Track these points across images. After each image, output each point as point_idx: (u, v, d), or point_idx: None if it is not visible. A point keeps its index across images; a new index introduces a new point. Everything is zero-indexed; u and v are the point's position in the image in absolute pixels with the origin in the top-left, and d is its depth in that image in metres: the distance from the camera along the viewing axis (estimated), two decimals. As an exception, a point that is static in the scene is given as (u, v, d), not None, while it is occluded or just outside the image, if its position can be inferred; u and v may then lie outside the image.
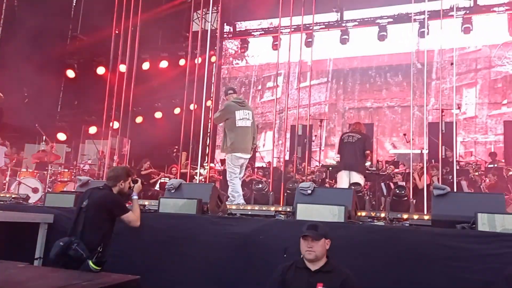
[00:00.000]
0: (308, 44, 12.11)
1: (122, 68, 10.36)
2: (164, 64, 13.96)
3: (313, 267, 3.21)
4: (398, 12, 12.94)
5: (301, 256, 3.28)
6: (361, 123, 8.48)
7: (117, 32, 9.90)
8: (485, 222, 3.56)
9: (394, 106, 14.61)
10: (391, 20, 13.05)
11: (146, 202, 5.96)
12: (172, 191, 5.31)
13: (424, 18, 10.66)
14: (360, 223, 4.47)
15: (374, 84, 15.07)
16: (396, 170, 10.59)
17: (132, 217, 4.02)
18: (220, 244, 4.39)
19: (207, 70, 9.40)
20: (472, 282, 3.48)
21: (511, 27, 12.72)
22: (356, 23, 13.53)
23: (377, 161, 10.77)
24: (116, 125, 10.06)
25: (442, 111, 8.12)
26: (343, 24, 13.72)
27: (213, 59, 13.49)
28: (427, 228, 3.97)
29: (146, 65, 13.52)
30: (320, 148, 12.88)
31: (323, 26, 13.85)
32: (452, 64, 8.04)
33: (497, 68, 13.93)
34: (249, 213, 5.42)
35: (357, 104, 15.09)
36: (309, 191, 4.73)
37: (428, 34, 12.33)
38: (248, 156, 6.79)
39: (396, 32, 13.35)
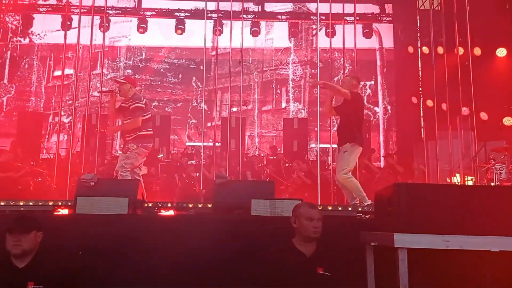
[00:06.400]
0: (106, 28, 11.38)
1: None
2: None
3: (21, 263, 3.04)
4: (194, 7, 13.25)
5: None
6: None
7: None
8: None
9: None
10: (188, 14, 13.28)
11: None
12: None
13: (217, 16, 11.14)
14: (146, 214, 4.42)
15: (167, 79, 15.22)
16: (190, 162, 10.92)
17: None
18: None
19: None
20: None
21: (290, 34, 14.39)
22: (154, 12, 13.34)
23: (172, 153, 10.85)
24: None
25: (231, 107, 8.66)
26: (141, 12, 13.36)
27: None
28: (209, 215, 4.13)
29: None
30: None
31: (119, 11, 13.22)
32: (240, 62, 8.64)
33: (280, 70, 15.65)
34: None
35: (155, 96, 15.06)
36: (92, 183, 4.47)
37: (223, 33, 13.04)
38: None
39: (195, 26, 13.51)
